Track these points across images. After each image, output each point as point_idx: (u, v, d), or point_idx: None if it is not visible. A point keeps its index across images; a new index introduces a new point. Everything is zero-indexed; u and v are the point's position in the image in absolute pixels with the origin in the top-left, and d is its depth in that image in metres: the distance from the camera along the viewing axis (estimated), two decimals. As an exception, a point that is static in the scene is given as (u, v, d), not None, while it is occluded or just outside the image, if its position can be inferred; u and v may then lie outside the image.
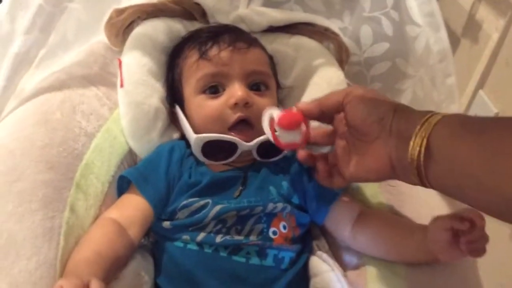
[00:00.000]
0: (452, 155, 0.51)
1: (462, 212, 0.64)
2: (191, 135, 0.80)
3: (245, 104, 0.78)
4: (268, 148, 0.79)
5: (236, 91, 0.79)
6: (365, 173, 0.65)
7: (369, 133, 0.62)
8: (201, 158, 0.80)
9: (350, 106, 0.64)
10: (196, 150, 0.79)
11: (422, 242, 0.68)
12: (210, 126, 0.80)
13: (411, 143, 0.55)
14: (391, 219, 0.78)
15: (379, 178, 0.65)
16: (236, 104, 0.78)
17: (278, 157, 0.82)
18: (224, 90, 0.81)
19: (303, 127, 0.72)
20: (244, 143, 0.79)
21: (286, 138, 0.72)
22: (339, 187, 0.73)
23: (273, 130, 0.72)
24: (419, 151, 0.54)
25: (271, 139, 0.73)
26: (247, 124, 0.80)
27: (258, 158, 0.81)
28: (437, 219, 0.67)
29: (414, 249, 0.71)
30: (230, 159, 0.80)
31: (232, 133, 0.79)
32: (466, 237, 0.63)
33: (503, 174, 0.46)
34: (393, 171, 0.60)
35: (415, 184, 0.59)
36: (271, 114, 0.73)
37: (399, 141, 0.57)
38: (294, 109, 0.71)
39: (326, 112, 0.69)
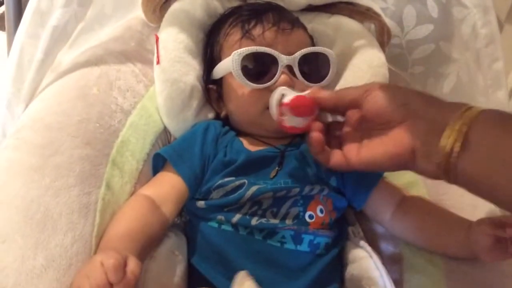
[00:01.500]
0: (494, 148, 0.50)
1: (505, 218, 0.62)
2: (226, 59, 0.78)
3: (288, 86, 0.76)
4: (310, 65, 0.78)
5: (282, 74, 0.77)
6: (380, 158, 0.62)
7: (393, 118, 0.60)
8: (240, 77, 0.77)
9: (371, 96, 0.62)
10: (235, 68, 0.76)
11: (464, 240, 0.67)
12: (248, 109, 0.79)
13: (446, 133, 0.53)
14: (434, 209, 0.76)
15: (395, 164, 0.61)
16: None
17: (323, 82, 0.81)
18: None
19: (313, 114, 0.70)
20: (284, 55, 0.77)
21: (291, 122, 0.70)
22: (335, 167, 0.67)
23: (281, 111, 0.71)
24: (454, 142, 0.52)
25: (275, 118, 0.73)
26: None
27: (300, 77, 0.78)
28: (480, 223, 0.66)
29: (454, 245, 0.69)
30: (272, 81, 0.76)
31: None
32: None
33: None
34: (412, 157, 0.58)
35: (431, 174, 0.57)
36: (281, 94, 0.73)
37: (430, 128, 0.56)
38: (307, 94, 0.70)
39: (340, 106, 0.66)
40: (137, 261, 0.57)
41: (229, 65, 0.77)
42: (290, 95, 0.71)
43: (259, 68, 0.77)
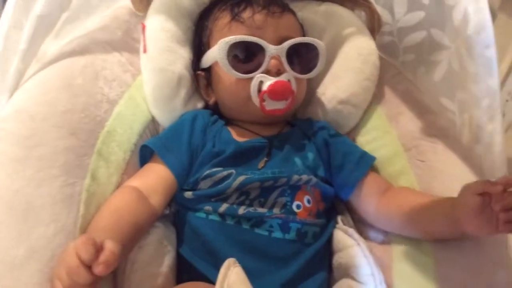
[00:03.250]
0: None
1: (496, 179, 0.59)
2: (214, 48, 0.77)
3: (277, 71, 0.76)
4: (299, 55, 0.78)
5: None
6: None
7: None
8: (227, 66, 0.76)
9: None
10: (222, 56, 0.76)
11: (450, 211, 0.63)
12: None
13: None
14: (418, 194, 0.75)
15: None
16: (268, 71, 0.76)
17: (311, 73, 0.80)
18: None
19: (291, 96, 0.76)
20: (271, 45, 0.76)
21: (271, 106, 0.76)
22: None
23: (261, 97, 0.75)
24: None
25: (257, 104, 0.76)
26: None
27: (288, 68, 0.77)
28: (468, 184, 0.62)
29: (440, 221, 0.66)
30: (259, 71, 0.76)
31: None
32: (500, 203, 0.57)
33: None
34: None
35: None
36: (260, 81, 0.76)
37: None
38: (283, 78, 0.74)
39: None
40: (114, 242, 0.54)
41: (215, 54, 0.76)
42: (267, 82, 0.74)
43: (246, 57, 0.77)
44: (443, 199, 0.68)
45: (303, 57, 0.80)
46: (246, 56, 0.77)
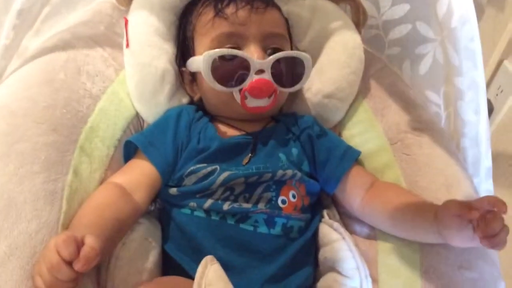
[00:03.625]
0: None
1: (475, 201, 0.60)
2: (199, 57, 0.76)
3: (260, 69, 0.75)
4: (284, 68, 0.77)
5: (252, 54, 0.75)
6: None
7: None
8: (211, 79, 0.75)
9: None
10: (205, 70, 0.74)
11: (432, 223, 0.65)
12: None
13: None
14: (402, 194, 0.75)
15: None
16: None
17: (296, 86, 0.80)
18: None
19: (274, 93, 0.76)
20: (257, 60, 0.74)
21: (253, 103, 0.76)
22: None
23: (243, 94, 0.75)
24: None
25: (239, 101, 0.76)
26: None
27: (275, 84, 0.75)
28: (447, 204, 0.63)
29: (423, 229, 0.68)
30: (243, 85, 0.75)
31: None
32: (480, 227, 0.58)
33: None
34: None
35: None
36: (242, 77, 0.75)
37: None
38: (265, 76, 0.74)
39: None
40: (94, 237, 0.54)
41: (199, 64, 0.75)
42: (248, 79, 0.74)
43: (230, 70, 0.75)
44: (426, 207, 0.68)
45: (288, 71, 0.78)
46: (231, 68, 0.75)
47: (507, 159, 1.19)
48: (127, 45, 0.82)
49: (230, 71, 0.75)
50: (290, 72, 0.79)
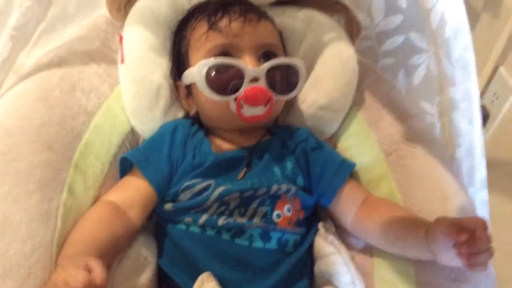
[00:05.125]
0: None
1: (465, 220, 0.60)
2: (194, 67, 0.77)
3: (255, 78, 0.75)
4: (279, 76, 0.77)
5: (246, 63, 0.76)
6: None
7: None
8: (206, 89, 0.75)
9: None
10: (200, 79, 0.75)
11: (423, 240, 0.65)
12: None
13: None
14: (394, 211, 0.74)
15: None
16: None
17: (291, 93, 0.80)
18: None
19: (269, 101, 0.76)
20: (251, 67, 0.75)
21: (249, 112, 0.75)
22: None
23: (238, 104, 0.74)
24: None
25: (234, 110, 0.75)
26: None
27: (269, 89, 0.76)
28: (438, 221, 0.64)
29: (415, 247, 0.67)
30: (237, 93, 0.75)
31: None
32: (466, 248, 0.59)
33: None
34: None
35: None
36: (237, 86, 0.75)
37: None
38: (261, 84, 0.74)
39: None
40: (99, 265, 0.55)
41: (194, 75, 0.76)
42: (243, 88, 0.74)
43: (224, 79, 0.75)
44: (417, 224, 0.68)
45: (282, 78, 0.79)
46: (225, 77, 0.75)
47: (504, 166, 1.19)
48: (122, 61, 0.82)
49: (225, 80, 0.75)
50: (284, 80, 0.79)
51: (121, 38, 0.84)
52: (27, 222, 0.61)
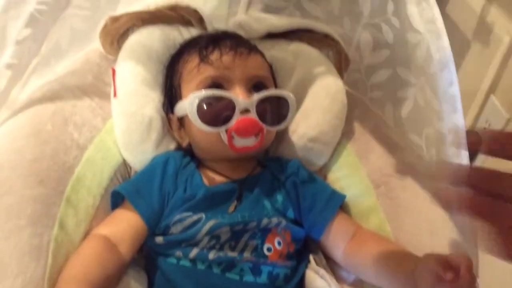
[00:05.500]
0: None
1: (450, 256, 0.60)
2: (186, 100, 0.78)
3: (246, 109, 0.77)
4: (269, 107, 0.79)
5: (237, 94, 0.77)
6: None
7: None
8: (197, 121, 0.76)
9: None
10: (192, 111, 0.76)
11: (411, 275, 0.65)
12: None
13: None
14: (384, 245, 0.75)
15: None
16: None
17: (281, 125, 0.81)
18: None
19: (260, 133, 0.77)
20: (241, 99, 0.76)
21: (241, 143, 0.77)
22: None
23: (229, 135, 0.76)
24: None
25: (225, 141, 0.77)
26: None
27: (259, 121, 0.77)
28: (426, 257, 0.64)
29: (403, 281, 0.67)
30: (229, 124, 0.76)
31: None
32: (450, 286, 0.58)
33: None
34: None
35: None
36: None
37: None
38: (252, 116, 0.75)
39: None
40: None
41: (186, 107, 0.77)
42: (234, 119, 0.75)
43: (216, 110, 0.77)
44: (407, 258, 0.69)
45: (273, 110, 0.80)
46: (216, 108, 0.77)
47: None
48: (115, 95, 0.84)
49: (216, 111, 0.76)
50: (275, 111, 0.81)
51: (114, 72, 0.85)
52: (18, 258, 0.61)
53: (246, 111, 0.76)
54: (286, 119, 0.82)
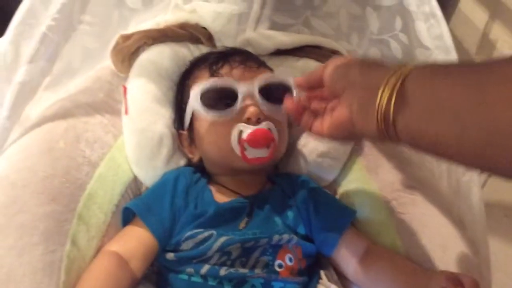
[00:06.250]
0: (430, 95, 0.49)
1: (459, 275, 0.62)
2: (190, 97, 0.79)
3: (257, 120, 0.77)
4: (272, 92, 0.79)
5: (248, 107, 0.78)
6: (330, 130, 0.63)
7: (336, 90, 0.61)
8: (202, 110, 0.78)
9: (325, 72, 0.64)
10: (196, 103, 0.78)
11: None
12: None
13: (380, 90, 0.52)
14: (397, 261, 0.75)
15: (340, 133, 0.62)
16: (249, 119, 0.77)
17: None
18: None
19: (272, 143, 0.77)
20: (242, 84, 0.78)
21: (253, 154, 0.77)
22: (314, 133, 0.67)
23: (242, 145, 0.76)
24: (389, 97, 0.51)
25: (238, 153, 0.77)
26: None
27: (261, 101, 0.78)
28: (437, 274, 0.65)
29: None
30: (234, 109, 0.77)
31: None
32: None
33: (492, 103, 0.43)
34: (352, 125, 0.59)
35: (373, 136, 0.56)
36: (239, 130, 0.77)
37: (364, 92, 0.56)
38: (264, 126, 0.76)
39: (313, 85, 0.68)
40: None
41: (191, 104, 0.79)
42: (247, 130, 0.76)
43: (220, 100, 0.78)
44: (418, 276, 0.69)
45: (275, 94, 0.80)
46: (221, 99, 0.78)
47: (502, 209, 1.20)
48: (126, 112, 0.84)
49: (220, 100, 0.78)
50: (279, 96, 0.78)
51: (125, 90, 0.86)
52: (31, 275, 0.62)
53: (257, 121, 0.77)
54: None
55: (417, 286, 0.66)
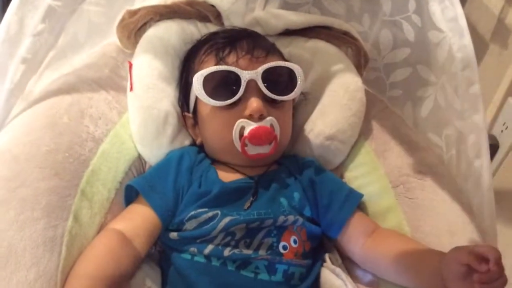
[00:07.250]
0: None
1: (481, 248, 0.59)
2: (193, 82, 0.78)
3: (260, 116, 0.76)
4: (276, 79, 0.78)
5: (251, 102, 0.76)
6: None
7: None
8: (204, 96, 0.77)
9: None
10: (199, 88, 0.76)
11: (437, 269, 0.63)
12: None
13: None
14: (405, 241, 0.74)
15: None
16: (251, 115, 0.76)
17: (289, 95, 0.80)
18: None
19: (274, 140, 0.76)
20: (245, 71, 0.76)
21: (254, 151, 0.76)
22: None
23: (243, 141, 0.75)
24: None
25: (239, 149, 0.76)
26: None
27: (265, 90, 0.77)
28: (455, 250, 0.63)
29: (426, 275, 0.66)
30: (236, 97, 0.76)
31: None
32: (480, 276, 0.58)
33: None
34: None
35: None
36: (241, 126, 0.76)
37: None
38: (266, 123, 0.75)
39: None
40: None
41: (194, 89, 0.77)
42: (249, 127, 0.75)
43: (223, 86, 0.77)
44: (430, 253, 0.68)
45: (280, 81, 0.79)
46: (223, 86, 0.77)
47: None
48: (131, 89, 0.83)
49: (223, 86, 0.77)
50: (283, 82, 0.80)
51: (130, 66, 0.84)
52: (32, 250, 0.61)
53: (260, 119, 0.76)
54: (295, 89, 0.80)
55: (429, 266, 0.65)
